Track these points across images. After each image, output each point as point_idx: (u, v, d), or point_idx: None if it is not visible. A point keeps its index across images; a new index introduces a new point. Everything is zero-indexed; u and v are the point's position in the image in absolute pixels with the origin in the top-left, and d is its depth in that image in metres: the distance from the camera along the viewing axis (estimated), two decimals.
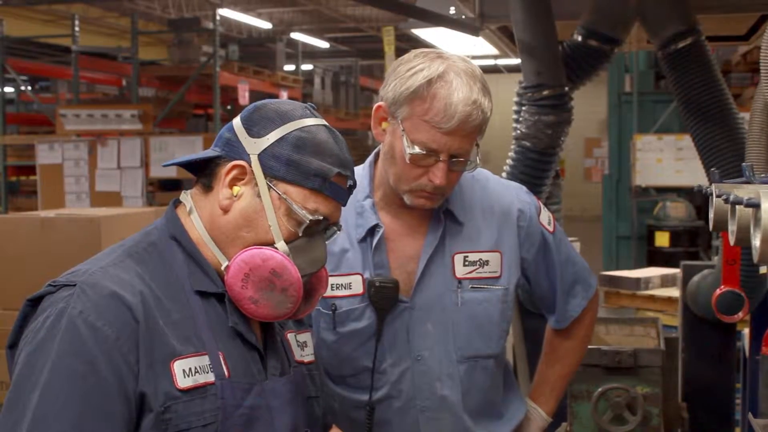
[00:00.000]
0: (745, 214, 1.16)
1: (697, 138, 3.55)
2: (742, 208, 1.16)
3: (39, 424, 1.37)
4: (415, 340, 2.04)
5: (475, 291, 2.05)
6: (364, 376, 2.05)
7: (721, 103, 3.52)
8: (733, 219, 1.20)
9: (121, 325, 1.43)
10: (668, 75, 3.63)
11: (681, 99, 3.57)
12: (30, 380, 1.40)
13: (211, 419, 1.48)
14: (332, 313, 2.03)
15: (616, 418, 2.93)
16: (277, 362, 1.62)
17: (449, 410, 2.06)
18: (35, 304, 1.48)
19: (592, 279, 2.25)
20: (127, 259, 1.52)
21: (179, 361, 1.47)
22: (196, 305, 1.53)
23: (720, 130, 3.46)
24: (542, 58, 3.58)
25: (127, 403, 1.43)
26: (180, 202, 1.62)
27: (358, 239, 2.04)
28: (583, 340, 2.28)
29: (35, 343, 1.42)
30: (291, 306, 1.54)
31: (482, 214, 2.09)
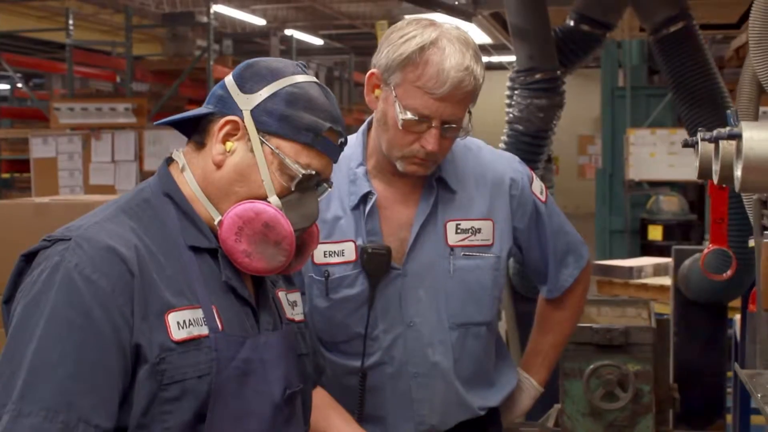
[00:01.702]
0: (728, 152, 1.17)
1: (688, 122, 3.58)
2: (725, 146, 1.18)
3: (36, 374, 1.38)
4: (408, 307, 2.05)
5: (467, 259, 2.07)
6: (356, 342, 2.06)
7: (712, 86, 3.55)
8: (717, 158, 1.22)
9: (116, 277, 1.45)
10: (660, 60, 3.66)
11: (672, 83, 3.60)
12: (26, 332, 1.41)
13: (206, 371, 1.49)
14: (325, 279, 2.05)
15: (608, 396, 2.95)
16: (270, 318, 1.64)
17: (441, 377, 2.07)
18: (30, 260, 1.49)
19: (584, 250, 2.27)
20: (121, 215, 1.54)
21: (173, 314, 1.48)
22: (190, 260, 1.54)
23: (711, 114, 3.49)
24: (534, 42, 3.61)
25: (123, 354, 1.44)
26: (172, 160, 1.64)
27: (351, 207, 2.05)
28: (575, 310, 2.30)
29: (31, 296, 1.44)
30: (283, 259, 1.56)
31: (475, 183, 2.10)
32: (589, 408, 2.97)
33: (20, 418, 1.36)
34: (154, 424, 1.46)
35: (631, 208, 10.04)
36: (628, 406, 2.95)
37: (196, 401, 1.48)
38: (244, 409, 1.53)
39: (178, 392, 1.47)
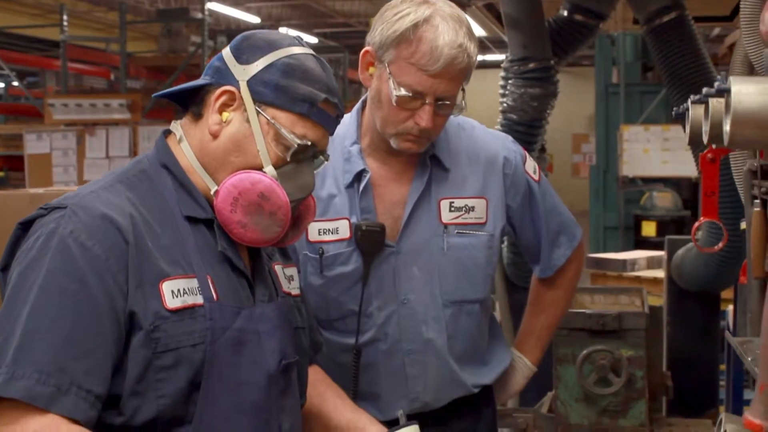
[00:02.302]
0: (718, 110, 1.19)
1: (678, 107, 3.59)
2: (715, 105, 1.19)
3: (29, 338, 1.39)
4: (402, 284, 2.07)
5: (461, 236, 2.09)
6: (350, 319, 2.07)
7: (705, 76, 3.57)
8: (707, 118, 1.23)
9: (111, 244, 1.46)
10: (653, 49, 3.68)
11: (665, 72, 3.62)
12: (20, 297, 1.42)
13: (200, 339, 1.50)
14: (319, 257, 2.06)
15: (601, 381, 2.96)
16: (265, 290, 1.64)
17: (435, 354, 2.09)
18: (26, 228, 1.50)
19: (577, 230, 2.28)
20: (118, 185, 1.55)
21: (168, 282, 1.49)
22: (186, 231, 1.55)
23: None
24: (528, 31, 3.62)
25: (117, 321, 1.45)
26: (170, 132, 1.65)
27: (346, 185, 2.07)
28: (567, 290, 2.31)
29: (26, 262, 1.45)
30: (279, 230, 1.57)
31: (468, 161, 2.12)
32: (583, 393, 2.99)
33: (13, 381, 1.37)
34: (149, 392, 1.47)
35: (624, 205, 10.07)
36: (621, 391, 2.96)
37: (191, 369, 1.49)
38: (239, 379, 1.54)
39: (172, 360, 1.48)
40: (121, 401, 1.46)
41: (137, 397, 1.47)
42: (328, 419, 1.84)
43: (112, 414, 1.46)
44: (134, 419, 1.47)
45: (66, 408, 1.38)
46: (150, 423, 1.47)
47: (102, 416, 1.44)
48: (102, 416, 1.44)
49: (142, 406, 1.47)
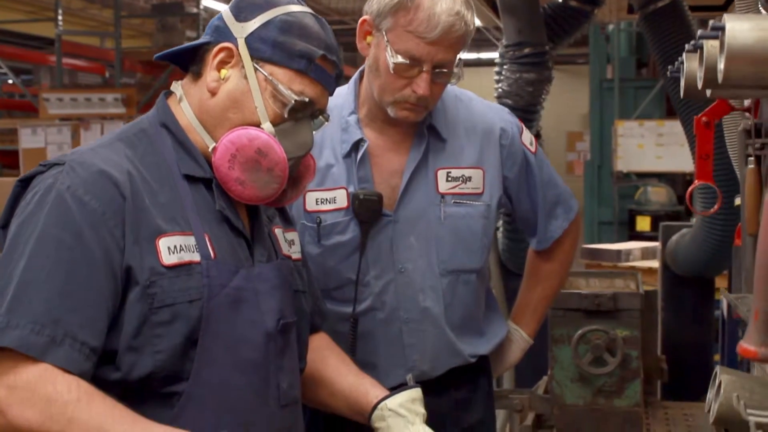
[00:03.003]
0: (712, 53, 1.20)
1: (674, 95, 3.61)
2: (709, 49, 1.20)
3: (24, 289, 1.40)
4: (399, 253, 2.08)
5: (457, 206, 2.10)
6: (347, 288, 2.09)
7: None
8: (702, 64, 1.24)
9: (107, 200, 1.47)
10: (648, 35, 3.70)
11: (660, 58, 3.63)
12: (17, 250, 1.43)
13: (197, 296, 1.51)
14: (317, 226, 2.07)
15: (596, 361, 2.96)
16: (264, 251, 1.65)
17: (432, 322, 2.10)
18: (25, 185, 1.51)
19: (573, 202, 2.30)
20: (117, 143, 1.56)
21: (164, 239, 1.50)
22: (184, 190, 1.56)
23: None
24: (523, 16, 3.64)
25: (113, 276, 1.46)
26: (171, 92, 1.66)
27: (343, 154, 2.08)
28: (563, 262, 2.33)
29: (24, 216, 1.46)
30: (276, 186, 1.58)
31: (465, 132, 2.13)
32: (578, 374, 2.99)
33: (7, 330, 1.38)
34: (145, 348, 1.47)
35: (619, 199, 10.11)
36: (616, 372, 2.97)
37: (187, 326, 1.50)
38: (236, 337, 1.55)
39: (168, 316, 1.48)
40: (118, 356, 1.47)
41: (134, 352, 1.47)
42: (332, 384, 1.85)
43: (109, 369, 1.47)
44: (131, 374, 1.48)
45: (60, 359, 1.39)
46: (147, 379, 1.48)
47: (99, 371, 1.45)
48: (99, 371, 1.45)
49: (139, 361, 1.47)
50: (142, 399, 1.47)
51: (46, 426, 1.36)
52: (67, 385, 1.38)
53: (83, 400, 1.38)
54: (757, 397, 1.30)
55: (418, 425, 1.75)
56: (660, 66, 3.66)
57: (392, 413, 1.75)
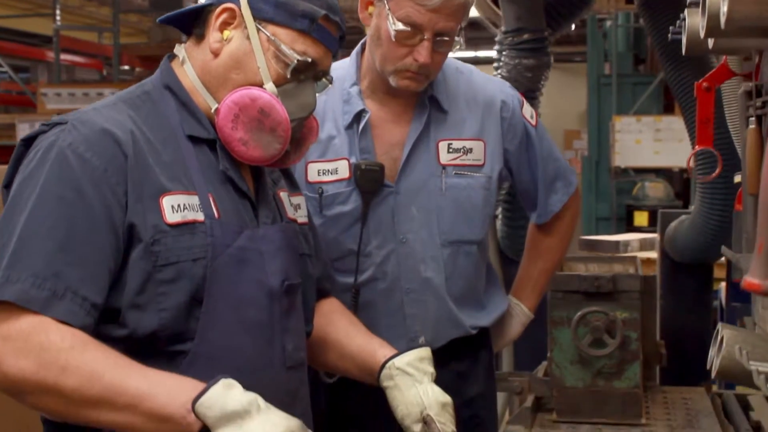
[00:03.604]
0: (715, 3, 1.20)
1: (673, 81, 3.62)
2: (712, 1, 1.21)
3: (25, 243, 1.41)
4: (400, 224, 2.09)
5: (459, 177, 2.12)
6: (349, 259, 2.10)
7: None
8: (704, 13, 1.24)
9: (109, 157, 1.47)
10: (644, 17, 3.70)
11: (656, 40, 3.64)
12: (18, 206, 1.44)
13: (201, 255, 1.52)
14: (319, 196, 2.09)
15: (596, 342, 2.96)
16: (269, 213, 1.66)
17: (433, 293, 2.11)
18: (28, 144, 1.52)
19: (573, 177, 2.31)
20: (120, 103, 1.57)
21: (168, 197, 1.51)
22: (188, 150, 1.57)
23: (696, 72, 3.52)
24: (522, 2, 3.65)
25: (115, 233, 1.46)
26: (174, 55, 1.67)
27: (345, 126, 2.10)
28: (563, 237, 2.34)
29: (25, 174, 1.47)
30: (279, 147, 1.59)
31: (466, 104, 2.15)
32: (578, 356, 2.99)
33: (8, 284, 1.38)
34: (150, 305, 1.48)
35: (617, 195, 10.13)
36: (615, 353, 2.97)
37: (192, 284, 1.50)
38: (241, 297, 1.55)
39: (172, 274, 1.49)
40: (122, 314, 1.48)
41: (138, 310, 1.48)
42: (341, 347, 1.87)
43: (113, 327, 1.48)
44: (135, 332, 1.48)
45: (61, 312, 1.40)
46: (151, 337, 1.49)
47: (103, 329, 1.46)
48: (103, 329, 1.46)
49: (143, 319, 1.48)
50: (147, 357, 1.47)
51: (40, 375, 1.36)
52: (61, 334, 1.38)
53: (77, 347, 1.38)
54: (759, 351, 1.30)
55: (426, 384, 1.75)
56: (658, 51, 3.66)
57: (400, 372, 1.76)
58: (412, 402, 1.73)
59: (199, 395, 1.36)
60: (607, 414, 2.93)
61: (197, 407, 1.35)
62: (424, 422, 1.72)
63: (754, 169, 1.41)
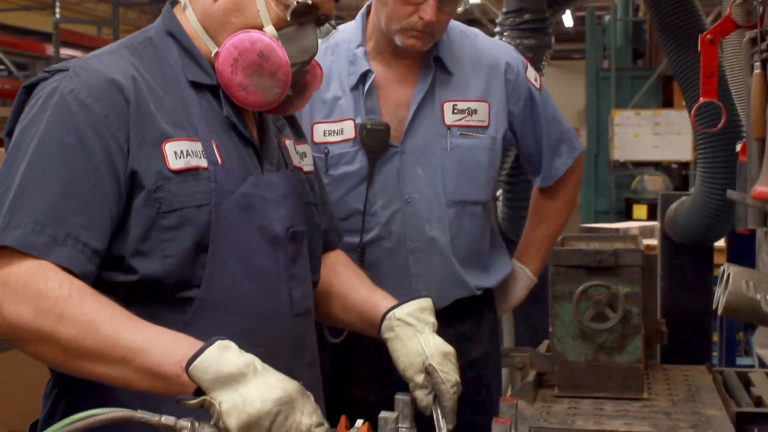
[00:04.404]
0: None
1: (673, 63, 3.63)
2: None
3: (26, 189, 1.40)
4: (406, 183, 2.11)
5: (464, 137, 2.13)
6: (355, 219, 2.11)
7: (696, 28, 3.59)
8: None
9: (111, 104, 1.47)
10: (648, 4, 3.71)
11: (658, 25, 3.65)
12: (20, 153, 1.44)
13: (205, 201, 1.51)
14: (324, 156, 2.10)
15: (597, 316, 2.97)
16: (273, 160, 1.66)
17: (439, 252, 2.12)
18: (30, 91, 1.52)
19: (576, 141, 2.33)
20: (123, 49, 1.57)
21: (171, 143, 1.50)
22: (190, 97, 1.57)
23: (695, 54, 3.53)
24: None
25: (117, 179, 1.46)
26: (177, 2, 1.67)
27: (350, 86, 2.11)
28: (567, 201, 2.36)
29: (26, 121, 1.47)
30: (279, 91, 1.58)
31: (471, 66, 2.17)
32: (579, 330, 3.00)
33: (8, 230, 1.38)
34: (154, 252, 1.48)
35: (616, 189, 10.15)
36: (617, 328, 2.98)
37: (196, 231, 1.50)
38: (246, 243, 1.55)
39: (176, 221, 1.49)
40: (126, 261, 1.47)
41: (142, 257, 1.48)
42: (344, 298, 1.86)
43: (118, 274, 1.47)
44: (141, 279, 1.48)
45: (62, 258, 1.39)
46: (157, 284, 1.49)
47: (107, 275, 1.46)
48: (107, 275, 1.46)
49: (148, 266, 1.48)
50: (153, 304, 1.47)
51: (37, 321, 1.35)
52: (59, 281, 1.37)
53: (74, 296, 1.37)
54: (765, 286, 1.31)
55: (427, 334, 1.73)
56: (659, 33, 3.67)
57: (400, 323, 1.74)
58: (414, 352, 1.70)
59: (194, 357, 1.33)
60: (608, 388, 2.94)
61: (191, 370, 1.32)
62: (427, 372, 1.70)
63: (759, 113, 1.42)
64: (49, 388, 1.61)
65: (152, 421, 1.27)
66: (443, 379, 1.68)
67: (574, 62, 18.05)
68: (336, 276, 1.87)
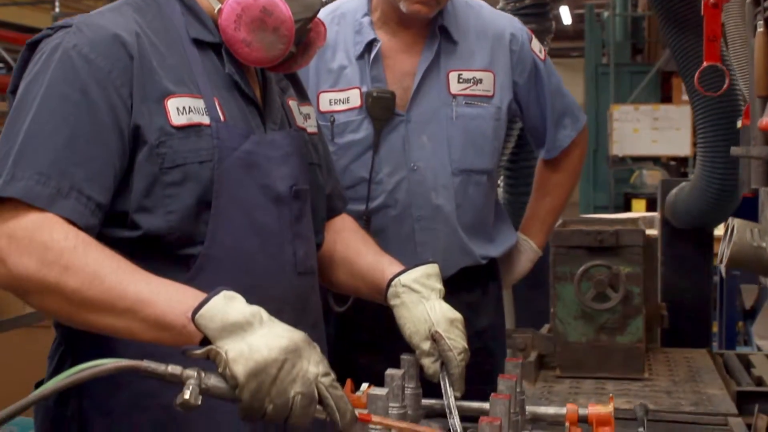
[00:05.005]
0: None
1: (675, 48, 3.63)
2: None
3: (30, 142, 1.41)
4: (411, 152, 2.12)
5: (469, 107, 2.14)
6: (360, 187, 2.12)
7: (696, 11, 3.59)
8: None
9: (114, 59, 1.47)
10: None
11: (658, 9, 3.65)
12: (24, 107, 1.44)
13: (208, 157, 1.51)
14: (330, 124, 2.11)
15: (599, 296, 2.98)
16: (277, 119, 1.66)
17: (444, 221, 2.13)
18: (33, 48, 1.52)
19: (580, 114, 2.34)
20: (126, 6, 1.57)
21: (173, 99, 1.50)
22: (193, 55, 1.57)
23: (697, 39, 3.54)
24: None
25: (120, 134, 1.46)
26: None
27: (356, 56, 2.13)
28: (571, 173, 2.37)
29: (30, 77, 1.47)
30: (283, 47, 1.58)
31: (476, 36, 2.18)
32: (581, 311, 3.01)
33: (13, 182, 1.38)
34: (157, 208, 1.48)
35: (615, 184, 10.17)
36: (618, 308, 2.98)
37: (199, 187, 1.50)
38: (249, 200, 1.55)
39: (179, 176, 1.49)
40: (129, 217, 1.47)
41: (146, 212, 1.48)
42: (351, 264, 1.85)
43: (122, 231, 1.47)
44: (144, 235, 1.48)
45: (66, 210, 1.39)
46: (160, 240, 1.49)
47: (110, 231, 1.46)
48: (110, 231, 1.46)
49: (151, 221, 1.48)
50: (157, 261, 1.46)
51: (42, 273, 1.35)
52: (65, 233, 1.37)
53: (80, 248, 1.36)
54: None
55: (433, 300, 1.71)
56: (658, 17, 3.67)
57: (406, 289, 1.72)
58: (420, 319, 1.68)
59: (199, 306, 1.31)
60: (610, 369, 2.94)
61: (197, 318, 1.31)
62: (433, 340, 1.66)
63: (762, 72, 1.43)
64: (55, 347, 1.61)
65: (158, 370, 1.25)
66: (450, 346, 1.65)
67: (572, 60, 18.08)
68: (342, 242, 1.86)
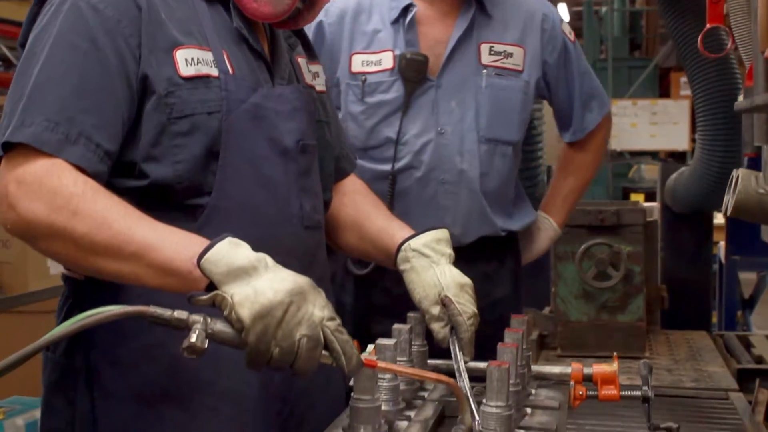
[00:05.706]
0: None
1: (674, 32, 3.65)
2: None
3: (39, 89, 1.42)
4: (440, 116, 2.16)
5: (498, 77, 2.19)
6: (386, 147, 2.16)
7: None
8: None
9: (123, 9, 1.48)
10: None
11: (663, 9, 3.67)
12: (34, 56, 1.45)
13: (216, 108, 1.52)
14: (362, 83, 2.13)
15: (600, 275, 3.00)
16: (285, 74, 1.67)
17: (467, 185, 2.16)
18: (42, 3, 1.53)
19: (606, 98, 2.39)
20: None
21: (182, 50, 1.51)
22: (201, 8, 1.58)
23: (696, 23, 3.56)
24: None
25: (128, 83, 1.47)
26: None
27: (392, 20, 2.17)
28: (596, 154, 2.41)
29: (40, 27, 1.48)
30: (289, 2, 1.59)
31: (510, 11, 2.23)
32: (582, 290, 3.03)
33: (23, 128, 1.39)
34: (165, 157, 1.49)
35: (613, 178, 10.17)
36: (619, 287, 3.00)
37: (207, 137, 1.51)
38: (257, 153, 1.56)
39: (187, 126, 1.50)
40: (137, 166, 1.48)
41: (154, 161, 1.49)
42: (360, 227, 1.85)
43: (130, 180, 1.48)
44: (151, 184, 1.49)
45: (74, 156, 1.40)
46: (168, 189, 1.50)
47: (118, 181, 1.47)
48: (118, 181, 1.47)
49: (159, 170, 1.49)
50: (164, 211, 1.46)
51: (51, 218, 1.36)
52: (74, 179, 1.38)
53: (88, 194, 1.37)
54: None
55: (443, 265, 1.70)
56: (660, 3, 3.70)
57: (416, 253, 1.71)
58: (429, 284, 1.67)
59: (205, 251, 1.32)
60: (611, 347, 2.96)
61: (203, 263, 1.31)
62: (443, 304, 1.65)
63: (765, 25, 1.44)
64: (62, 301, 1.62)
65: (164, 315, 1.26)
66: (460, 311, 1.63)
67: None
68: (352, 204, 1.87)
